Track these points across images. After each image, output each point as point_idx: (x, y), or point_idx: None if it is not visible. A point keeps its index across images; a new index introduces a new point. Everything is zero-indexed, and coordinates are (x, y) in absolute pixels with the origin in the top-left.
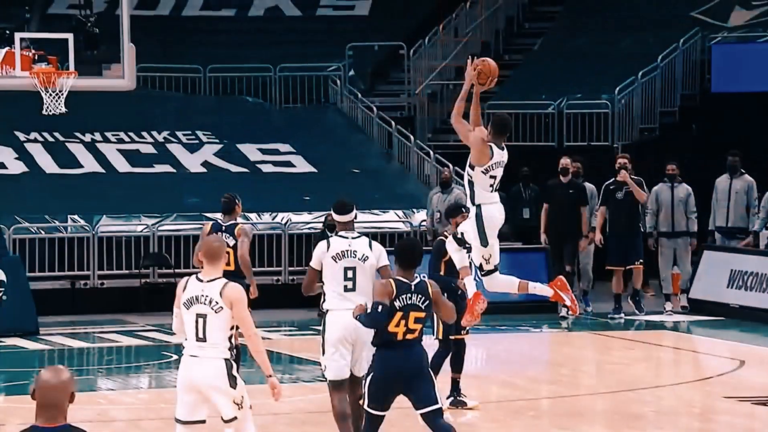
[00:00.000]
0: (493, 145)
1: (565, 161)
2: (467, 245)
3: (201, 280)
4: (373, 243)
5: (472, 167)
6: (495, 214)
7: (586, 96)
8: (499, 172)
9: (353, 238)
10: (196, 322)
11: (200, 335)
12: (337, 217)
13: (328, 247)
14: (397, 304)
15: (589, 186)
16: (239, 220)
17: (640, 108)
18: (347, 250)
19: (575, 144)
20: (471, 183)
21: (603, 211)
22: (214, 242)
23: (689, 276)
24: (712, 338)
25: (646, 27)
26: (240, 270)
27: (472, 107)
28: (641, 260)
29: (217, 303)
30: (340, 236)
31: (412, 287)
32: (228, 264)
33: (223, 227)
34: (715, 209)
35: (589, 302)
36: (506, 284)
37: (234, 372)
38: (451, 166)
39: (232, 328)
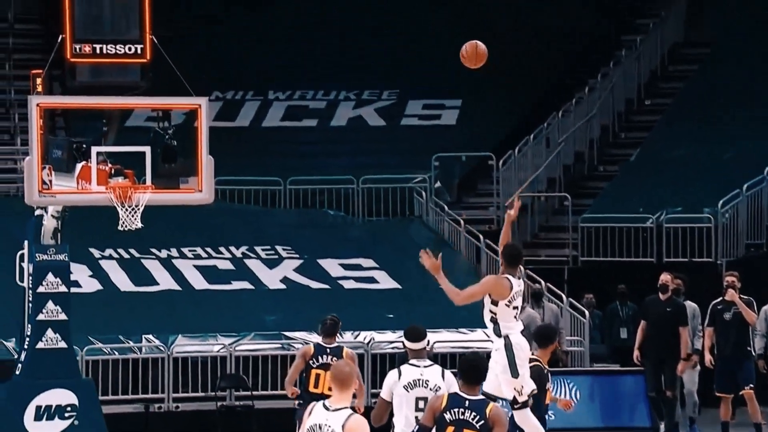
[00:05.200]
0: (508, 276)
1: (664, 278)
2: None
3: (327, 408)
4: (446, 373)
5: (495, 303)
6: (522, 342)
7: (687, 209)
8: (519, 302)
9: (425, 366)
10: None
11: None
12: (408, 344)
13: (400, 376)
14: (447, 416)
15: (691, 305)
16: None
17: (745, 222)
18: (419, 380)
19: (676, 260)
20: (494, 320)
21: (710, 333)
22: (344, 368)
23: None
24: None
25: (750, 136)
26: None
27: (504, 234)
28: (752, 385)
29: None
30: (412, 365)
31: (467, 402)
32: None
33: (328, 350)
34: None
35: (696, 431)
36: (535, 429)
37: None
38: (542, 281)
39: None
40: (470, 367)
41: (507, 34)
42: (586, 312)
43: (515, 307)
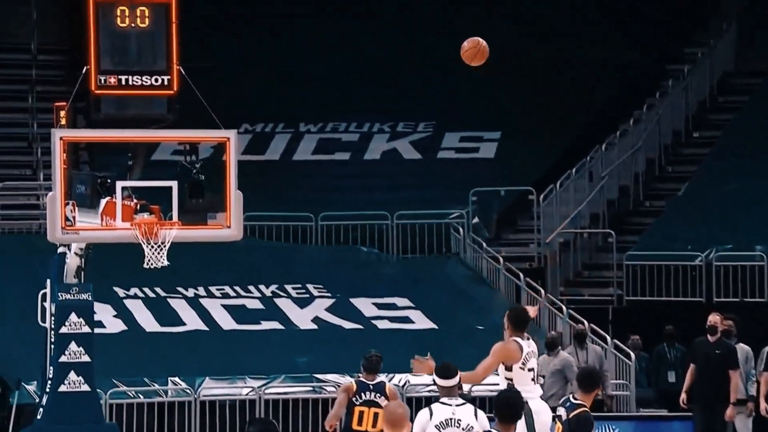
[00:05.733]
0: (516, 339)
1: (713, 318)
2: None
3: None
4: (479, 412)
5: (509, 369)
6: (542, 408)
7: (737, 246)
8: (534, 363)
9: (457, 405)
10: None
11: None
12: (439, 381)
13: (431, 416)
14: None
15: (743, 347)
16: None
17: None
18: (451, 419)
19: (726, 300)
20: (510, 386)
21: (766, 378)
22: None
23: None
24: None
25: None
26: None
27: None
28: None
29: None
30: (443, 403)
31: None
32: (375, 426)
33: (371, 386)
34: None
35: None
36: None
37: None
38: (586, 322)
39: None
40: (506, 405)
41: (548, 65)
42: (632, 354)
43: (530, 369)
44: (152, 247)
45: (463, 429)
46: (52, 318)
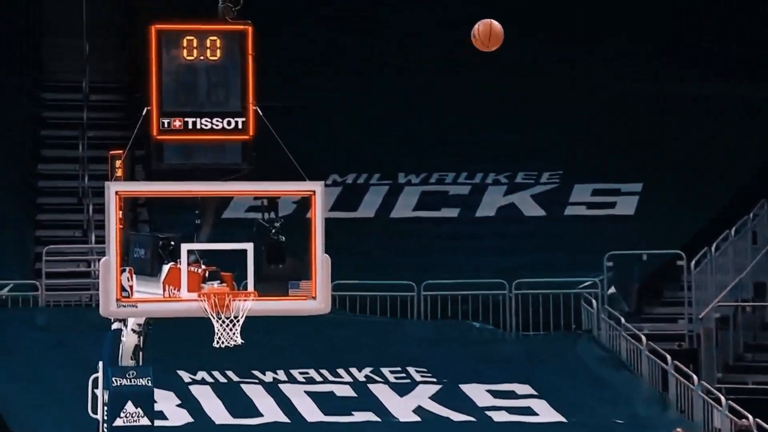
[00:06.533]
0: None
1: None
2: None
3: None
4: None
5: None
6: None
7: None
8: None
9: None
10: None
11: None
12: None
13: None
14: None
15: None
16: None
17: None
18: None
19: None
20: None
21: None
22: None
23: None
24: None
25: None
26: None
27: None
28: None
29: None
30: None
31: None
32: None
33: None
34: None
35: None
36: None
37: None
38: (750, 417)
39: None
40: None
41: (703, 108)
42: None
43: None
44: (224, 322)
45: None
46: (105, 408)
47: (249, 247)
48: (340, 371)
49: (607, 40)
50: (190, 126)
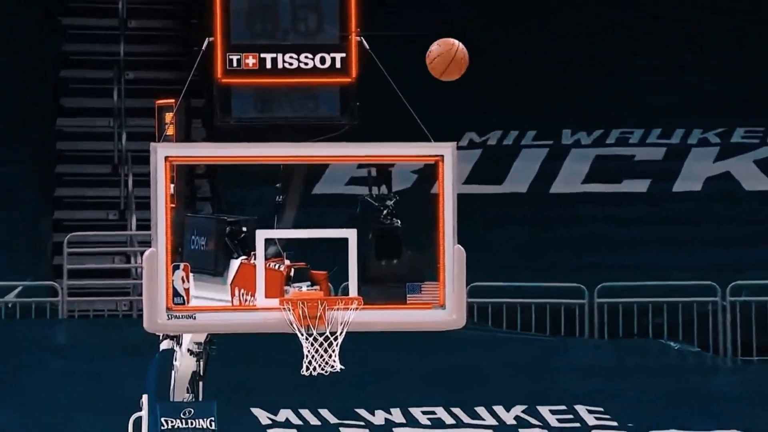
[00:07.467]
0: None
1: None
2: None
3: None
4: None
5: None
6: None
7: None
8: None
9: None
10: None
11: None
12: None
13: None
14: None
15: None
16: None
17: None
18: None
19: None
20: None
21: None
22: None
23: None
24: None
25: None
26: None
27: None
28: None
29: None
30: None
31: None
32: None
33: None
34: None
35: None
36: None
37: None
38: None
39: None
40: None
41: None
42: None
43: None
44: (316, 340)
45: None
46: None
47: (351, 234)
48: (480, 410)
49: None
50: (268, 65)
